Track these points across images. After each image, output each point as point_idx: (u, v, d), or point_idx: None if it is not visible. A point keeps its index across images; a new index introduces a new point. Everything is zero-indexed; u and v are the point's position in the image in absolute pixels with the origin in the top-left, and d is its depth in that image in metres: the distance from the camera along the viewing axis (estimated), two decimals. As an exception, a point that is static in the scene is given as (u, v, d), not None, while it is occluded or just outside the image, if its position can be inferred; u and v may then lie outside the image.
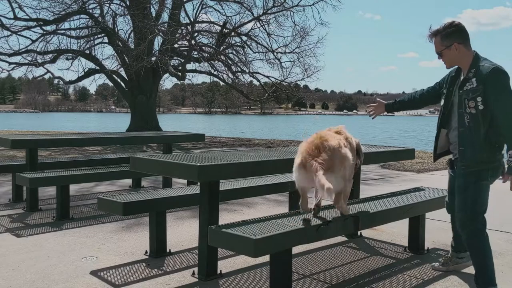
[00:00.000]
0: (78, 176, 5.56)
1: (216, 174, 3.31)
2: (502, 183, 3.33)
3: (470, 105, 3.11)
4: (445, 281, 3.60)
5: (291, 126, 59.66)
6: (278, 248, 3.00)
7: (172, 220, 5.15)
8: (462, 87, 3.19)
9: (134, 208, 3.95)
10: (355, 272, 3.76)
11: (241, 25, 19.54)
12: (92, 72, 19.88)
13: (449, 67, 3.35)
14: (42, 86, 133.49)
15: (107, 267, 3.78)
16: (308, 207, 3.37)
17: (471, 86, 3.11)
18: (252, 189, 4.82)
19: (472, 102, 3.10)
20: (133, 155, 3.73)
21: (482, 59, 3.19)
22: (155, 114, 20.46)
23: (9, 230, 4.86)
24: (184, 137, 7.77)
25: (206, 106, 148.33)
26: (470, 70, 3.16)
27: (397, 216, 3.99)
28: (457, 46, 3.18)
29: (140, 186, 7.42)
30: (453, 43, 3.19)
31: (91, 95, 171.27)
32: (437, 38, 3.25)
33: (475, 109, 3.10)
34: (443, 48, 3.22)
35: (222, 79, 20.74)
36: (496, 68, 3.07)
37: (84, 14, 18.06)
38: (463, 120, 3.16)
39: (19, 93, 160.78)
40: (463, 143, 3.20)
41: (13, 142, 5.77)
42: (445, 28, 3.21)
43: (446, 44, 3.21)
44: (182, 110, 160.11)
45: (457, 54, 3.21)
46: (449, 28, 3.20)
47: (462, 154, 3.22)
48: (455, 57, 3.22)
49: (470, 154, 3.17)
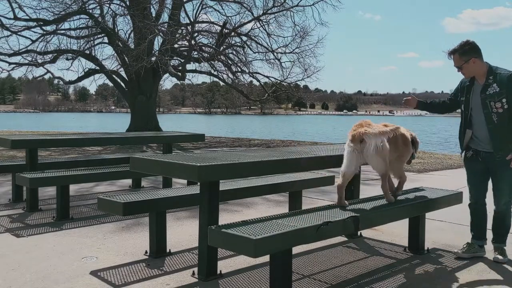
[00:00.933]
0: (78, 176, 5.56)
1: (216, 174, 3.31)
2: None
3: (497, 106, 3.79)
4: (445, 281, 3.60)
5: (291, 126, 59.73)
6: (278, 248, 3.00)
7: (172, 220, 5.15)
8: (484, 92, 3.86)
9: (134, 208, 3.95)
10: (355, 272, 3.76)
11: (241, 25, 19.53)
12: (92, 72, 19.87)
13: (467, 77, 4.00)
14: (42, 86, 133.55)
15: (107, 267, 3.78)
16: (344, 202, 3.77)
17: (494, 91, 3.80)
18: (252, 189, 4.82)
19: (499, 103, 3.78)
20: (133, 155, 3.73)
21: (496, 68, 3.91)
22: (155, 114, 20.45)
23: (9, 230, 4.86)
24: (184, 137, 7.77)
25: (206, 106, 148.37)
26: (488, 77, 3.86)
27: (397, 216, 3.99)
28: (474, 60, 3.87)
29: (140, 186, 7.42)
30: (470, 58, 3.88)
31: (91, 95, 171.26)
32: (455, 55, 3.92)
33: (502, 108, 3.78)
34: (463, 63, 3.90)
35: (222, 79, 20.72)
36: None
37: (84, 14, 18.05)
38: (491, 118, 3.83)
39: (19, 93, 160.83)
40: (495, 137, 3.84)
41: (13, 142, 5.77)
42: (462, 46, 3.90)
43: (465, 59, 3.89)
44: (182, 110, 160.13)
45: (474, 66, 3.89)
46: (466, 46, 3.90)
47: (496, 146, 3.85)
48: (473, 69, 3.90)
49: (502, 145, 3.83)
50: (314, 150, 4.40)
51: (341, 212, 3.55)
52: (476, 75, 3.94)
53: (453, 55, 3.94)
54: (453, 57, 3.95)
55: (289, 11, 19.14)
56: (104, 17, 18.14)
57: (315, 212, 3.53)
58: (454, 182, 8.24)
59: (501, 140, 3.82)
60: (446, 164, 10.99)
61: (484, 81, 3.88)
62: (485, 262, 4.06)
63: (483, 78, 3.89)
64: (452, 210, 4.98)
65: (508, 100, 3.76)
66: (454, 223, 5.36)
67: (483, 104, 3.86)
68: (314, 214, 3.45)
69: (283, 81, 20.47)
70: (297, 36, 19.58)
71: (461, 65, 3.92)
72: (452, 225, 5.29)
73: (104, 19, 18.03)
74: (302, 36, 19.49)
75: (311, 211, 3.57)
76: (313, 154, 4.02)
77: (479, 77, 3.93)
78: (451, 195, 4.51)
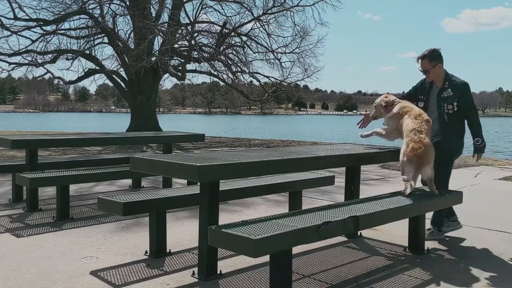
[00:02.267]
0: (78, 176, 5.55)
1: (216, 174, 3.31)
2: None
3: (449, 107, 4.45)
4: (445, 281, 3.60)
5: (290, 126, 59.67)
6: (278, 248, 2.99)
7: (172, 220, 5.15)
8: (440, 95, 4.50)
9: (134, 208, 3.95)
10: (355, 272, 3.76)
11: (241, 25, 19.51)
12: (92, 72, 19.85)
13: (430, 80, 4.59)
14: (42, 86, 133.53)
15: (107, 267, 3.78)
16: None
17: (448, 94, 4.46)
18: (252, 189, 4.81)
19: (450, 106, 4.44)
20: (133, 155, 3.73)
21: (451, 75, 4.52)
22: (155, 114, 20.44)
23: (9, 230, 4.86)
24: (184, 137, 7.76)
25: (206, 106, 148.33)
26: (445, 82, 4.50)
27: (397, 216, 3.99)
28: (440, 66, 4.50)
29: (140, 186, 7.42)
30: (437, 63, 4.48)
31: (91, 95, 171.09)
32: (425, 60, 4.49)
33: (452, 110, 4.45)
34: (431, 68, 4.49)
35: (222, 79, 20.70)
36: (466, 83, 4.47)
37: (84, 14, 18.03)
38: (442, 117, 4.49)
39: (19, 93, 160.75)
40: (444, 132, 4.49)
41: (13, 142, 5.77)
42: (431, 53, 4.48)
43: (433, 65, 4.48)
44: (182, 110, 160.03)
45: (438, 71, 4.50)
46: (435, 53, 4.48)
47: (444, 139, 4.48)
48: (437, 73, 4.51)
49: (446, 141, 4.48)
50: (314, 150, 4.40)
51: (341, 212, 3.55)
52: (436, 79, 4.55)
53: (423, 60, 4.50)
54: (423, 61, 4.50)
55: (289, 11, 19.14)
56: (104, 17, 18.13)
57: (315, 212, 3.53)
58: (454, 182, 8.24)
59: (448, 135, 4.50)
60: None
61: (441, 85, 4.51)
62: (485, 262, 4.06)
63: (441, 82, 4.52)
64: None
65: (459, 104, 4.42)
66: (454, 223, 5.36)
67: (437, 105, 4.51)
68: (314, 214, 3.45)
69: (283, 81, 20.45)
70: (297, 36, 19.60)
71: (429, 69, 4.49)
72: (452, 225, 5.29)
73: (104, 19, 18.02)
74: (302, 36, 19.50)
75: (311, 211, 3.57)
76: (313, 154, 4.02)
77: (438, 81, 4.54)
78: (451, 195, 4.52)
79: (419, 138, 4.02)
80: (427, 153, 4.01)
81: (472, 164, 11.06)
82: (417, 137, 4.03)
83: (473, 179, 8.67)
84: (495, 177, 9.03)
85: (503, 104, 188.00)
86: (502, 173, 9.70)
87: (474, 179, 8.67)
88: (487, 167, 10.67)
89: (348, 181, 4.74)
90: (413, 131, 4.08)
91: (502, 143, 32.24)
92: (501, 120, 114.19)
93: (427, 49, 4.50)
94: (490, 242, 4.66)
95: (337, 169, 7.60)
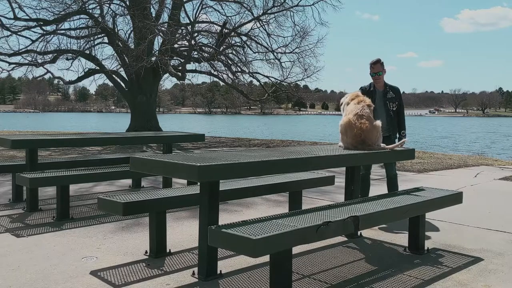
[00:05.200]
0: (78, 176, 5.55)
1: (216, 174, 3.31)
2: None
3: (393, 106, 5.61)
4: (445, 281, 3.60)
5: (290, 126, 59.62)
6: (278, 248, 2.99)
7: (172, 220, 5.15)
8: (385, 96, 5.60)
9: (134, 208, 3.95)
10: (355, 272, 3.76)
11: (241, 25, 19.50)
12: (92, 72, 19.84)
13: (377, 83, 5.60)
14: (42, 86, 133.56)
15: (107, 267, 3.78)
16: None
17: (391, 96, 5.61)
18: (252, 189, 4.81)
19: (393, 105, 5.61)
20: (133, 155, 3.73)
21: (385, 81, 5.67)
22: (155, 114, 20.43)
23: (9, 230, 4.86)
24: (184, 137, 7.76)
25: (206, 106, 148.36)
26: (386, 87, 5.64)
27: (397, 216, 3.99)
28: (385, 71, 5.61)
29: (140, 186, 7.42)
30: (384, 69, 5.60)
31: (91, 95, 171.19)
32: (379, 64, 5.55)
33: (395, 108, 5.62)
34: (383, 70, 5.57)
35: (222, 79, 20.69)
36: (399, 88, 5.73)
37: (84, 14, 18.03)
38: (389, 115, 5.58)
39: (19, 93, 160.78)
40: (390, 126, 5.56)
41: (13, 142, 5.77)
42: (380, 60, 5.56)
43: (383, 69, 5.58)
44: (182, 110, 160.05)
45: (383, 76, 5.63)
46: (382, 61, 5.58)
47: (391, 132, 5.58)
48: (382, 78, 5.63)
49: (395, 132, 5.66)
50: (314, 150, 4.40)
51: (341, 212, 3.56)
52: (380, 84, 5.61)
53: (376, 64, 5.52)
54: (376, 65, 5.52)
55: (289, 11, 19.14)
56: (104, 17, 18.13)
57: (315, 212, 3.53)
58: (454, 182, 8.25)
59: (394, 128, 5.61)
60: (446, 164, 10.99)
61: (383, 89, 5.61)
62: (485, 262, 4.06)
63: (383, 87, 5.62)
64: (452, 210, 4.99)
65: (398, 104, 5.64)
66: (454, 223, 5.36)
67: (384, 104, 5.57)
68: (314, 214, 3.45)
69: (283, 81, 20.45)
70: (297, 36, 19.58)
71: (382, 71, 5.55)
72: (452, 225, 5.29)
73: (104, 19, 18.02)
74: (302, 36, 19.49)
75: (311, 211, 3.57)
76: (313, 154, 4.02)
77: (380, 86, 5.60)
78: (451, 195, 4.52)
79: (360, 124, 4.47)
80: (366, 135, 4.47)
81: (472, 164, 11.06)
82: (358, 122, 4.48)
83: (473, 179, 8.67)
84: (495, 177, 9.02)
85: (503, 104, 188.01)
86: (502, 173, 9.70)
87: (474, 179, 8.67)
88: (487, 167, 10.67)
89: (348, 181, 4.75)
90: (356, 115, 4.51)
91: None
92: (501, 120, 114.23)
93: (376, 57, 5.62)
94: (490, 242, 4.66)
95: (337, 169, 7.60)
